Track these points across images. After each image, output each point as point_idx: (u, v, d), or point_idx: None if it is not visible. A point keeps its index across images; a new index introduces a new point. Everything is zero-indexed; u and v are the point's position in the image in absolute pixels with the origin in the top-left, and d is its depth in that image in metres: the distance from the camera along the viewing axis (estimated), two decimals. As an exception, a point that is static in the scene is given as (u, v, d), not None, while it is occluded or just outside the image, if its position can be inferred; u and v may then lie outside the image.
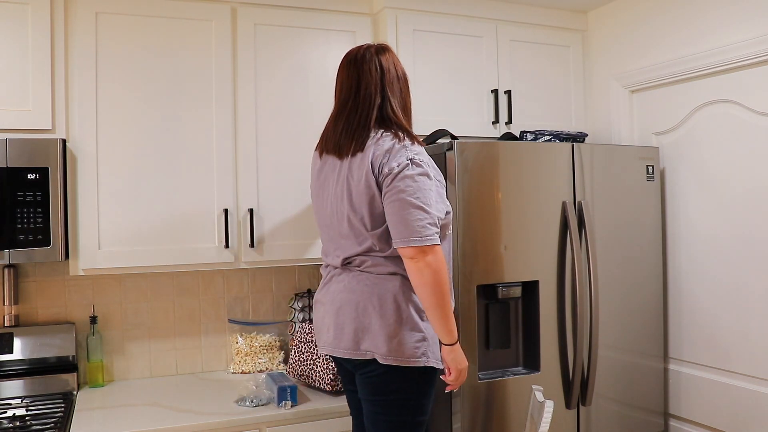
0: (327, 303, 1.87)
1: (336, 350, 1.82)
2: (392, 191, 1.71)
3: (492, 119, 2.65)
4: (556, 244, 2.30)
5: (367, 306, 1.77)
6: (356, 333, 1.77)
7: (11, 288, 2.36)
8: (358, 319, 1.77)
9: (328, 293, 1.88)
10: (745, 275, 2.26)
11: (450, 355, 1.78)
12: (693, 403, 2.46)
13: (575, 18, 2.85)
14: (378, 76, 1.81)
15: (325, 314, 1.87)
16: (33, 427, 1.98)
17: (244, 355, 2.62)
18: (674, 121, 2.52)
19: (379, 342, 1.74)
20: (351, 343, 1.78)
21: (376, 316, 1.75)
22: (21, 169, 2.05)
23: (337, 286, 1.85)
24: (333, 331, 1.82)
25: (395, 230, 1.71)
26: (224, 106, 2.34)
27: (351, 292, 1.80)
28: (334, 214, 1.85)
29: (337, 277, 1.86)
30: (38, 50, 2.12)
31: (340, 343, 1.80)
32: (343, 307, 1.81)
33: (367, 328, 1.76)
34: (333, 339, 1.82)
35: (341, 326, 1.80)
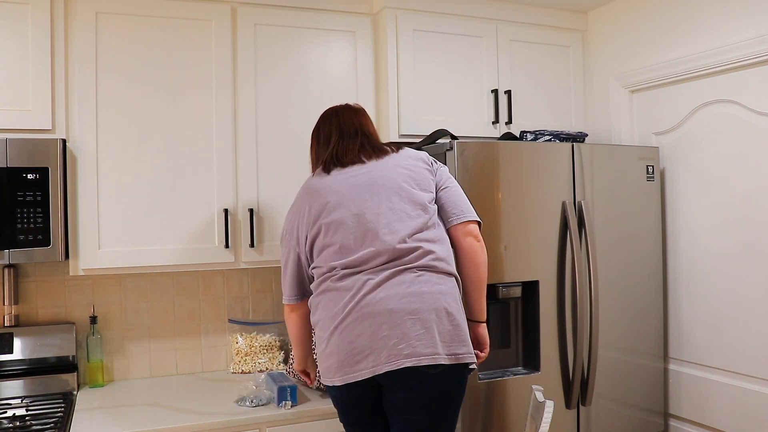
0: (399, 310, 1.69)
1: (421, 359, 1.67)
2: (450, 179, 1.93)
3: (492, 119, 2.65)
4: (556, 244, 2.30)
5: (451, 304, 1.74)
6: (446, 334, 1.70)
7: (11, 288, 2.36)
8: (444, 319, 1.71)
9: (390, 299, 1.70)
10: (745, 275, 2.26)
11: (484, 331, 1.94)
12: (693, 403, 2.46)
13: (575, 18, 2.85)
14: (369, 123, 2.01)
15: (400, 321, 1.68)
16: (33, 427, 1.98)
17: (244, 355, 2.62)
18: (674, 121, 2.52)
19: (466, 342, 1.77)
20: (441, 347, 1.69)
21: (459, 314, 1.77)
22: (21, 169, 2.05)
23: (406, 287, 1.71)
24: (423, 338, 1.67)
25: (463, 206, 1.88)
26: (224, 105, 2.34)
27: (431, 293, 1.71)
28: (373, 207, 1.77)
29: (393, 279, 1.72)
30: (38, 50, 2.12)
31: (423, 350, 1.67)
32: (427, 308, 1.70)
33: (455, 327, 1.73)
34: (418, 348, 1.67)
35: (429, 330, 1.68)
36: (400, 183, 1.81)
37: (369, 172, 1.84)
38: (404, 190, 1.80)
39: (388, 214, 1.76)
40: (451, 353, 1.70)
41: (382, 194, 1.79)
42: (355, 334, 1.70)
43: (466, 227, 1.86)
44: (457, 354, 1.71)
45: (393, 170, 1.84)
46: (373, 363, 1.68)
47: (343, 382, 1.72)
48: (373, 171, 1.84)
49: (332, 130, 1.95)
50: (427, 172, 1.88)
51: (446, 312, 1.72)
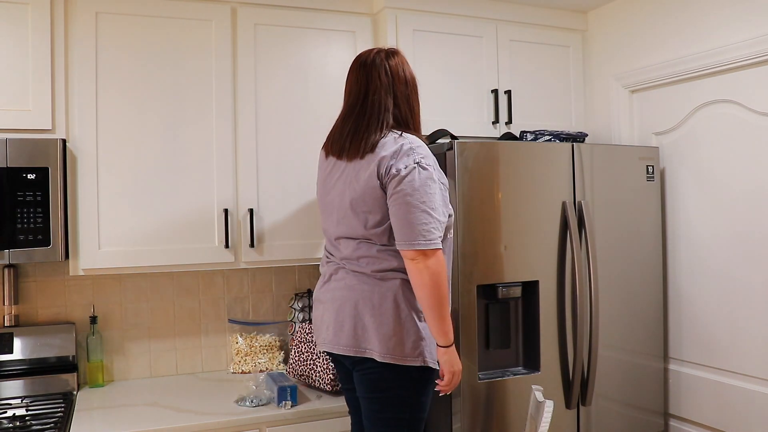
0: (327, 301, 1.89)
1: (335, 347, 1.84)
2: (398, 194, 1.72)
3: (492, 119, 2.65)
4: (556, 244, 2.30)
5: (366, 304, 1.78)
6: (355, 330, 1.79)
7: (11, 288, 2.36)
8: (357, 316, 1.79)
9: (327, 291, 1.90)
10: (745, 275, 2.26)
11: (444, 356, 1.79)
12: (693, 403, 2.46)
13: (575, 18, 2.85)
14: (388, 80, 1.83)
15: (324, 311, 1.89)
16: (33, 427, 1.98)
17: (244, 355, 2.62)
18: (674, 121, 2.52)
19: (377, 340, 1.75)
20: (350, 341, 1.80)
21: (376, 315, 1.77)
22: (21, 169, 2.05)
23: (337, 284, 1.87)
24: (332, 329, 1.84)
25: (400, 233, 1.72)
26: (224, 105, 2.34)
27: (350, 290, 1.82)
28: (335, 212, 1.87)
29: (336, 275, 1.88)
30: (38, 50, 2.12)
31: (339, 340, 1.82)
32: (343, 304, 1.82)
33: (365, 326, 1.78)
34: (332, 336, 1.84)
35: (341, 323, 1.82)
36: (346, 207, 1.82)
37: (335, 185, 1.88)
38: (351, 214, 1.81)
39: (341, 229, 1.86)
40: (355, 346, 1.80)
41: (339, 212, 1.86)
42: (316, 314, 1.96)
43: (403, 253, 1.73)
44: (359, 348, 1.79)
45: (348, 187, 1.82)
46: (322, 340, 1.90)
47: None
48: (336, 185, 1.87)
49: (345, 94, 1.90)
50: (377, 188, 1.75)
51: (357, 310, 1.80)
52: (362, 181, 1.78)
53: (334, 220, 1.88)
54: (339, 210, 1.86)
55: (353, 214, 1.81)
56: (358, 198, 1.79)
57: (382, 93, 1.82)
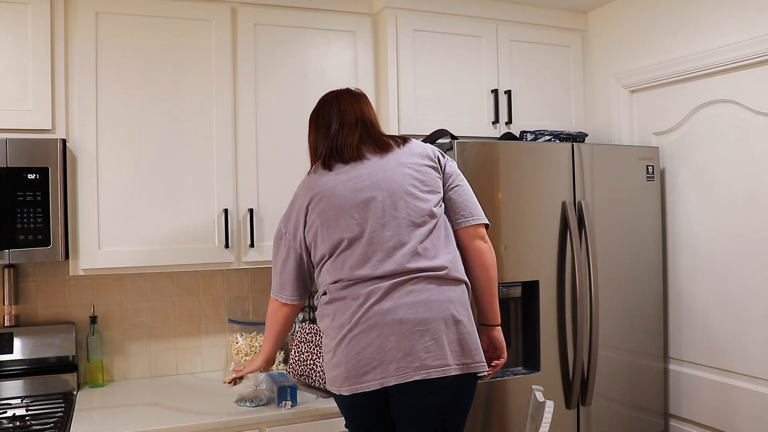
0: (396, 321, 1.67)
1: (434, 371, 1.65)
2: (459, 177, 1.86)
3: (492, 119, 2.65)
4: (556, 244, 2.30)
5: (461, 312, 1.73)
6: (455, 345, 1.69)
7: (11, 288, 2.36)
8: (451, 330, 1.68)
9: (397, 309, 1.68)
10: (745, 275, 2.26)
11: (500, 335, 1.88)
12: (693, 403, 2.46)
13: (575, 18, 2.85)
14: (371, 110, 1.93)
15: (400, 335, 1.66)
16: (33, 427, 1.98)
17: (244, 355, 2.62)
18: (674, 121, 2.52)
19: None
20: (452, 358, 1.67)
21: (470, 324, 1.73)
22: (21, 169, 2.05)
23: (406, 298, 1.68)
24: (421, 351, 1.65)
25: (473, 208, 1.83)
26: (224, 105, 2.34)
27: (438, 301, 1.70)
28: (385, 221, 1.73)
29: (402, 289, 1.69)
30: (38, 50, 2.12)
31: (434, 362, 1.65)
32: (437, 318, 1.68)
33: (466, 338, 1.71)
34: (428, 359, 1.65)
35: (438, 342, 1.66)
36: (405, 187, 1.74)
37: (371, 173, 1.76)
38: (410, 194, 1.74)
39: (393, 224, 1.72)
40: (461, 363, 1.68)
41: (386, 201, 1.73)
42: (362, 345, 1.67)
43: (474, 230, 1.80)
44: (468, 363, 1.69)
45: (397, 171, 1.76)
46: (381, 375, 1.65)
47: (351, 392, 1.70)
48: (376, 172, 1.76)
49: (332, 116, 1.86)
50: (433, 170, 1.80)
51: (454, 320, 1.69)
52: (416, 162, 1.79)
53: (380, 226, 1.72)
54: (389, 205, 1.73)
55: (418, 193, 1.75)
56: (420, 176, 1.78)
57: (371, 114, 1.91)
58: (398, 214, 1.72)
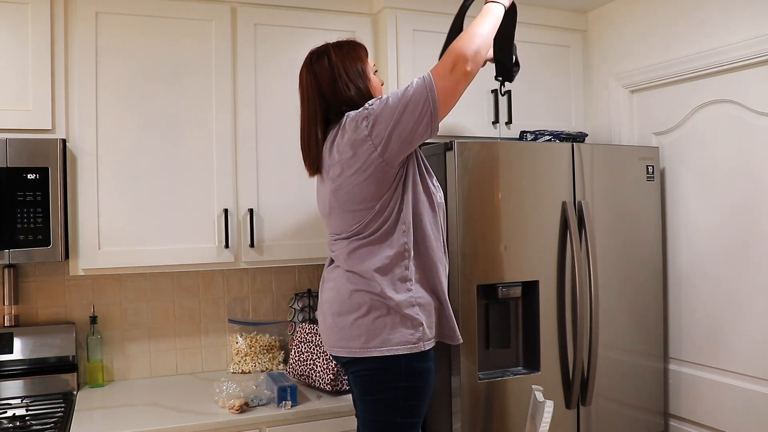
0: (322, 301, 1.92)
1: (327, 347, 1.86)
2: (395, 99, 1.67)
3: (492, 119, 2.65)
4: (556, 244, 2.30)
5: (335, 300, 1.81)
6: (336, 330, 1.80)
7: (11, 288, 2.36)
8: (337, 316, 1.80)
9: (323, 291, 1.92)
10: (745, 275, 2.26)
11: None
12: (693, 403, 2.46)
13: (575, 18, 2.85)
14: (315, 87, 1.80)
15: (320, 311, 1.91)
16: (33, 427, 1.98)
17: (244, 355, 2.62)
18: (674, 121, 2.52)
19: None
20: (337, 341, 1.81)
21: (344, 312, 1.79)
22: (21, 169, 2.05)
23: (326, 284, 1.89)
24: (325, 328, 1.85)
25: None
26: (224, 105, 2.34)
27: (332, 291, 1.84)
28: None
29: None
30: (38, 50, 2.12)
31: (328, 340, 1.83)
32: (330, 303, 1.83)
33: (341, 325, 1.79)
34: (325, 337, 1.85)
35: (329, 324, 1.82)
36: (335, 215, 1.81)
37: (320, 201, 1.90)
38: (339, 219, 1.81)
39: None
40: (333, 346, 1.79)
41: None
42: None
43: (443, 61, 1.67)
44: (334, 347, 1.79)
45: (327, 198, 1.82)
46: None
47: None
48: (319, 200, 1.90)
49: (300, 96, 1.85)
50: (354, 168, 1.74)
51: (331, 309, 1.79)
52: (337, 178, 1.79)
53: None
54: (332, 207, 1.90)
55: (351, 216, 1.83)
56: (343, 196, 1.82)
57: (316, 97, 1.81)
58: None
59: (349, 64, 1.80)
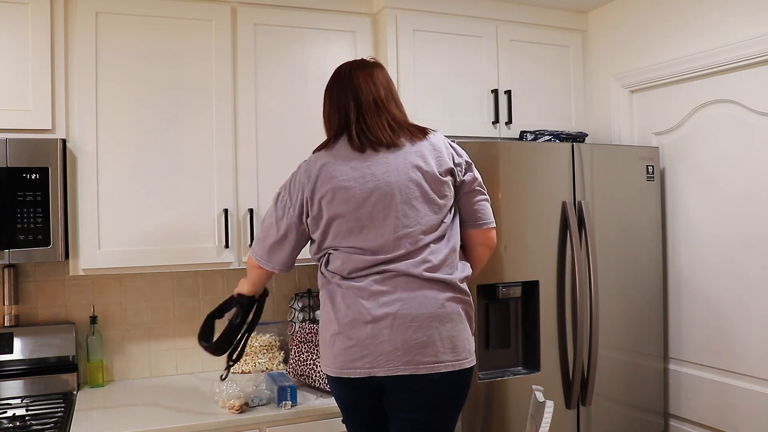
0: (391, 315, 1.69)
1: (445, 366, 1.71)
2: (476, 182, 1.84)
3: (492, 119, 2.65)
4: (556, 244, 2.30)
5: (454, 308, 1.75)
6: (447, 342, 1.72)
7: (11, 288, 2.36)
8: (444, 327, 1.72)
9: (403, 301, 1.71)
10: (745, 275, 2.26)
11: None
12: (693, 403, 2.46)
13: (575, 18, 2.85)
14: (386, 83, 1.84)
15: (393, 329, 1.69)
16: (33, 427, 1.98)
17: (245, 355, 2.62)
18: (674, 121, 2.52)
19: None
20: (443, 355, 1.70)
21: (461, 321, 1.77)
22: (21, 169, 2.05)
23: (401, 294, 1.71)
24: (412, 348, 1.67)
25: (481, 214, 1.84)
26: (224, 105, 2.34)
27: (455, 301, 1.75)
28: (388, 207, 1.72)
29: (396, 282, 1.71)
30: (38, 50, 2.12)
31: (424, 358, 1.69)
32: (452, 316, 1.72)
33: (458, 335, 1.75)
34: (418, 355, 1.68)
35: (430, 338, 1.68)
36: (411, 192, 1.71)
37: (386, 173, 1.71)
38: (414, 198, 1.71)
39: (394, 222, 1.70)
40: (451, 360, 1.69)
41: (392, 203, 1.70)
42: (357, 335, 1.69)
43: (481, 235, 1.86)
44: (458, 360, 1.70)
45: (406, 171, 1.71)
46: (369, 365, 1.67)
47: (337, 375, 1.73)
48: (389, 173, 1.71)
49: (348, 96, 1.77)
50: (447, 173, 1.75)
51: (448, 318, 1.70)
52: (433, 161, 1.74)
53: (383, 224, 1.72)
54: (394, 207, 1.71)
55: (424, 202, 1.72)
56: (428, 177, 1.72)
57: (388, 93, 1.82)
58: (402, 213, 1.71)
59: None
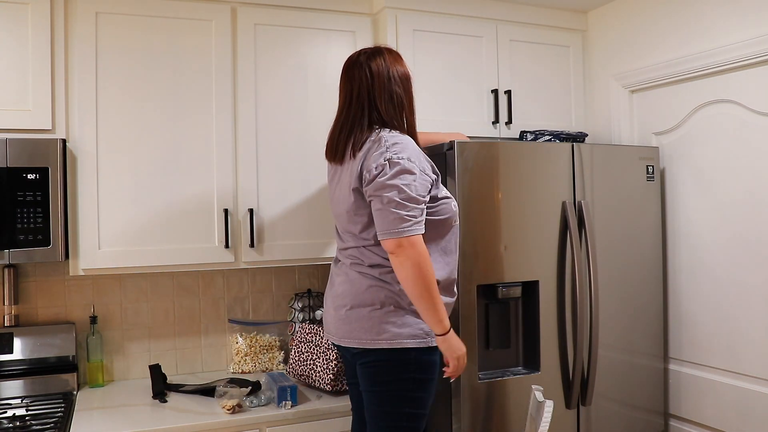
0: (329, 296, 1.97)
1: (335, 338, 1.91)
2: (373, 191, 1.75)
3: (492, 119, 2.65)
4: (556, 244, 2.30)
5: (356, 297, 1.86)
6: (349, 321, 1.85)
7: (11, 288, 2.36)
8: (352, 309, 1.85)
9: (332, 286, 1.98)
10: (745, 275, 2.26)
11: (444, 344, 1.80)
12: (693, 403, 2.46)
13: (575, 18, 2.85)
14: (368, 80, 1.84)
15: (328, 306, 1.97)
16: (33, 427, 1.98)
17: (244, 355, 2.62)
18: (674, 121, 2.52)
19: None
20: (347, 332, 1.86)
21: (365, 307, 1.84)
22: (21, 169, 2.05)
23: (337, 279, 1.95)
24: (334, 321, 1.90)
25: (377, 226, 1.76)
26: (224, 105, 2.34)
27: (347, 284, 1.89)
28: (338, 215, 1.95)
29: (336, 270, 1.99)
30: (38, 50, 2.12)
31: (338, 332, 1.88)
32: (343, 296, 1.89)
33: (359, 317, 1.83)
34: (334, 328, 1.91)
35: (341, 316, 1.87)
36: (345, 215, 1.87)
37: (335, 192, 1.94)
38: (346, 222, 1.88)
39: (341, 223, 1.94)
40: (343, 336, 1.86)
41: (340, 217, 1.93)
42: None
43: (385, 245, 1.76)
44: (345, 338, 1.85)
45: (341, 190, 1.89)
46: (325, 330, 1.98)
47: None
48: (336, 191, 1.92)
49: (339, 97, 1.93)
50: (358, 191, 1.81)
51: (343, 301, 1.86)
52: (346, 185, 1.84)
53: (338, 221, 1.97)
54: (338, 211, 1.94)
55: (348, 219, 1.87)
56: (349, 203, 1.84)
57: (364, 93, 1.84)
58: (346, 227, 1.90)
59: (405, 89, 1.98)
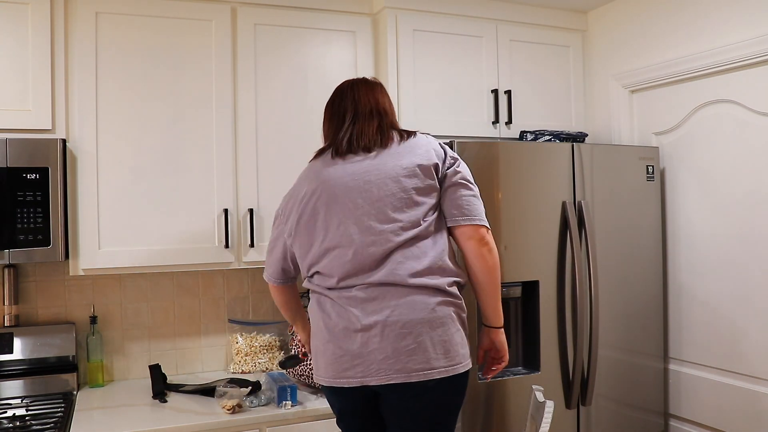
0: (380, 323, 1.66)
1: (397, 376, 1.65)
2: (459, 177, 1.76)
3: (492, 119, 2.65)
4: (556, 244, 2.30)
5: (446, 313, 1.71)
6: (439, 347, 1.68)
7: (11, 288, 2.36)
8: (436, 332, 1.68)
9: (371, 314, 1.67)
10: (745, 275, 2.26)
11: (500, 337, 1.84)
12: (693, 403, 2.46)
13: (575, 18, 2.85)
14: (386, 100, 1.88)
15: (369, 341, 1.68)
16: (33, 427, 1.98)
17: (244, 355, 2.62)
18: (674, 121, 2.52)
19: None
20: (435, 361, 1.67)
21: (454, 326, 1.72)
22: (21, 169, 2.05)
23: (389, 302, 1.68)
24: (395, 355, 1.64)
25: (464, 209, 1.74)
26: (224, 105, 2.34)
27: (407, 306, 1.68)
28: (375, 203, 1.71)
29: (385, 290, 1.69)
30: (38, 50, 2.12)
31: (405, 367, 1.65)
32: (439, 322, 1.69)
33: (449, 339, 1.71)
34: (395, 364, 1.65)
35: (421, 345, 1.65)
36: (392, 190, 1.69)
37: (366, 172, 1.72)
38: (395, 197, 1.69)
39: (375, 227, 1.68)
40: (444, 365, 1.66)
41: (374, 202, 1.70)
42: (348, 344, 1.67)
43: (469, 230, 1.73)
44: (451, 365, 1.67)
45: (390, 169, 1.71)
46: (362, 374, 1.65)
47: (330, 384, 1.72)
48: (370, 171, 1.72)
49: (347, 106, 1.82)
50: (430, 169, 1.72)
51: (440, 322, 1.66)
52: (400, 166, 1.71)
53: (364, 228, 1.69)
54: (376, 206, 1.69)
55: (402, 202, 1.69)
56: (412, 183, 1.70)
57: (387, 106, 1.86)
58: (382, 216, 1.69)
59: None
